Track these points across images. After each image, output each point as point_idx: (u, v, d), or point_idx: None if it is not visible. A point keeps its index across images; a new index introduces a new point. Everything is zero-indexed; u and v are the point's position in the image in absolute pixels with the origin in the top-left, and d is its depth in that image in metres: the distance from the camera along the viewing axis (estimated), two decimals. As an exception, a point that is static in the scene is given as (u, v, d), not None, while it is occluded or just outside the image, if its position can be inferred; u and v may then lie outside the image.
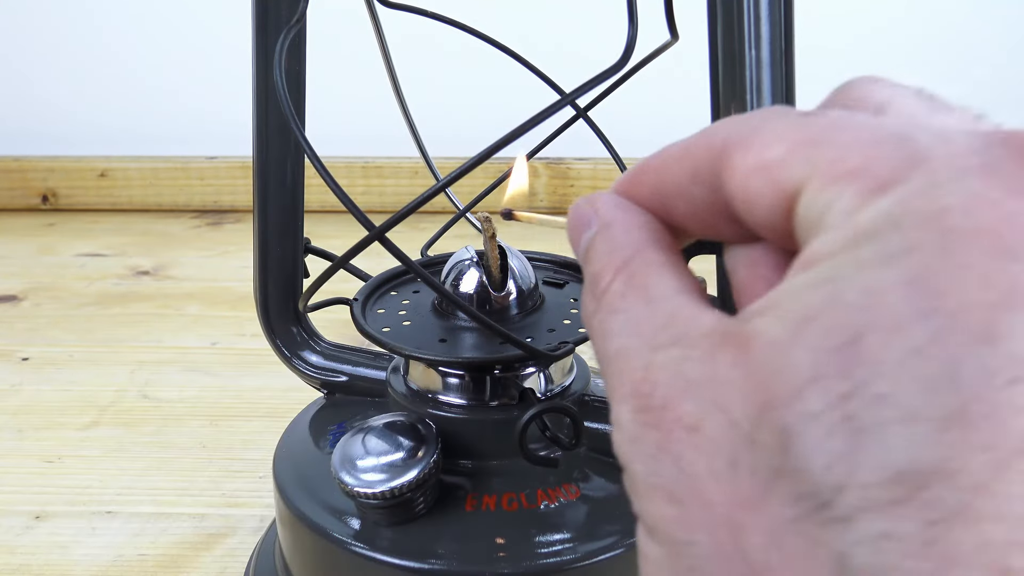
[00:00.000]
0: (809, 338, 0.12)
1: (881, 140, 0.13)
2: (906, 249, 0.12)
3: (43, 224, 0.93)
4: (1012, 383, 0.11)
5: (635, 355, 0.15)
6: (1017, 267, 0.11)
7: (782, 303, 0.13)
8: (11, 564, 0.39)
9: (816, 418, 0.12)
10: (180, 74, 0.96)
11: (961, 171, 0.12)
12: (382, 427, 0.28)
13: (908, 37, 0.91)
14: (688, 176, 0.16)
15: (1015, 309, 0.11)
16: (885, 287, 0.12)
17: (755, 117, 0.15)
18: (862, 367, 0.12)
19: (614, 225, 0.17)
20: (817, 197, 0.13)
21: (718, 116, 0.25)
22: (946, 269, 0.12)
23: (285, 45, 0.24)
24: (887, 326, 0.12)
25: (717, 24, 0.24)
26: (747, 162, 0.15)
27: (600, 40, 0.58)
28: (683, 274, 0.16)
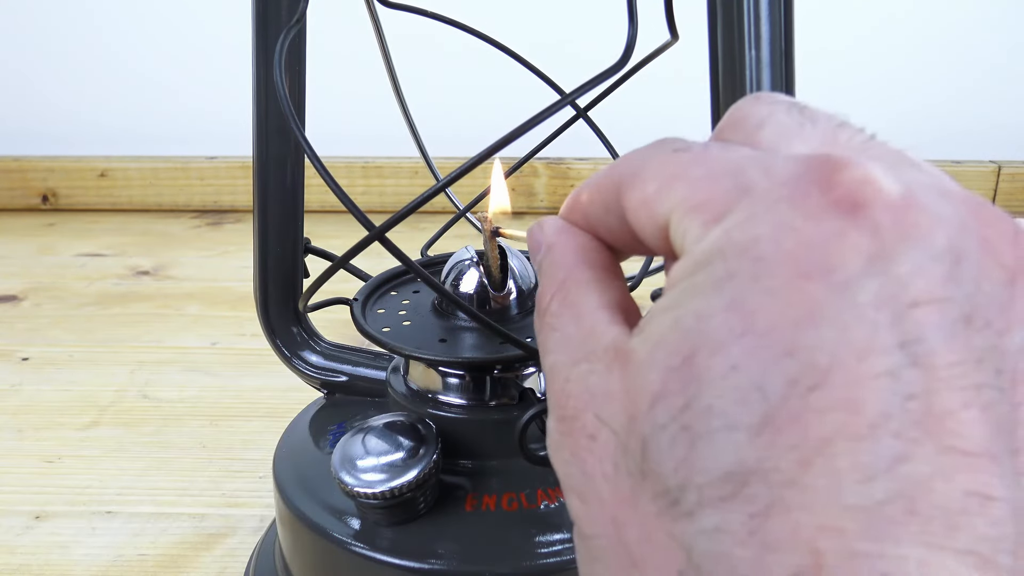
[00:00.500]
0: (658, 358, 0.14)
1: (722, 175, 0.15)
2: (727, 276, 0.14)
3: (43, 224, 0.93)
4: (811, 389, 0.12)
5: (560, 369, 0.17)
6: (812, 287, 0.13)
7: (649, 325, 0.15)
8: (11, 564, 0.39)
9: (664, 428, 0.14)
10: (180, 74, 0.96)
11: (774, 201, 0.14)
12: (382, 427, 0.28)
13: (908, 37, 0.91)
14: (602, 208, 0.18)
15: (813, 325, 0.13)
16: (711, 312, 0.14)
17: (643, 153, 0.17)
18: (693, 383, 0.14)
19: (554, 248, 0.19)
20: (677, 228, 0.16)
21: (718, 116, 0.25)
22: (757, 293, 0.13)
23: (285, 45, 0.24)
24: (712, 347, 0.13)
25: (717, 24, 0.24)
26: (634, 198, 0.17)
27: (600, 40, 0.58)
28: (609, 289, 0.18)
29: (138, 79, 0.97)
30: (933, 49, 0.91)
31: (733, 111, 0.18)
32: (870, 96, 0.93)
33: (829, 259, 0.13)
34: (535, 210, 0.95)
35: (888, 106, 0.93)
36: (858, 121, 0.17)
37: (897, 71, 0.92)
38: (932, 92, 0.93)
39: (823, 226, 0.13)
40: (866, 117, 0.51)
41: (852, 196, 0.13)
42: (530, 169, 0.94)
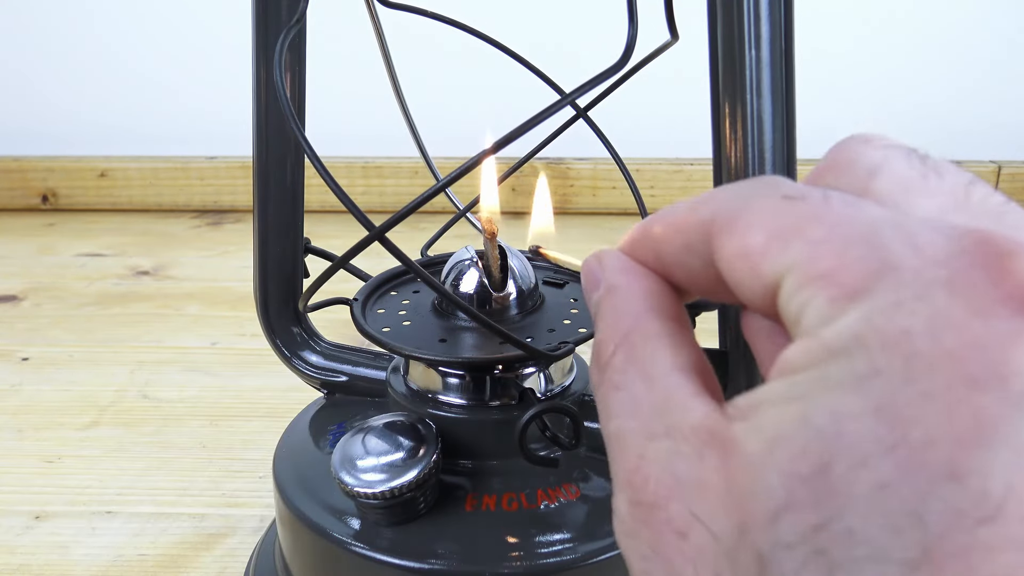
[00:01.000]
0: (781, 461, 0.12)
1: (853, 241, 0.13)
2: (871, 373, 0.12)
3: (43, 224, 0.93)
4: (980, 524, 0.11)
5: (631, 440, 0.15)
6: (982, 398, 0.11)
7: (760, 413, 0.13)
8: (11, 564, 0.39)
9: (791, 549, 0.12)
10: (180, 74, 0.96)
11: (926, 285, 0.12)
12: (382, 427, 0.28)
13: (908, 37, 0.91)
14: (683, 248, 0.16)
15: (982, 445, 0.11)
16: (852, 414, 0.12)
17: (741, 194, 0.15)
18: (831, 499, 0.12)
19: (617, 291, 0.17)
20: (793, 296, 0.13)
21: (718, 116, 0.25)
22: (910, 398, 0.11)
23: (285, 45, 0.24)
24: (854, 457, 0.12)
25: (717, 24, 0.24)
26: (731, 246, 0.15)
27: (600, 40, 0.58)
28: (682, 345, 0.16)
29: (138, 79, 0.97)
30: (933, 49, 0.91)
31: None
32: (870, 96, 0.93)
33: (1004, 366, 0.11)
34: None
35: (888, 106, 0.93)
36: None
37: (897, 71, 0.92)
38: (932, 92, 0.93)
39: (995, 325, 0.12)
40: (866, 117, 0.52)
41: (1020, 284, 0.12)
42: (530, 169, 0.93)
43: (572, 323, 0.30)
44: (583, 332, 0.29)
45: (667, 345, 0.16)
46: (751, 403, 0.13)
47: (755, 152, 0.24)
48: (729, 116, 0.24)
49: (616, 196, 0.94)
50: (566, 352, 0.27)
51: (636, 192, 0.35)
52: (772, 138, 0.24)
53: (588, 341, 0.29)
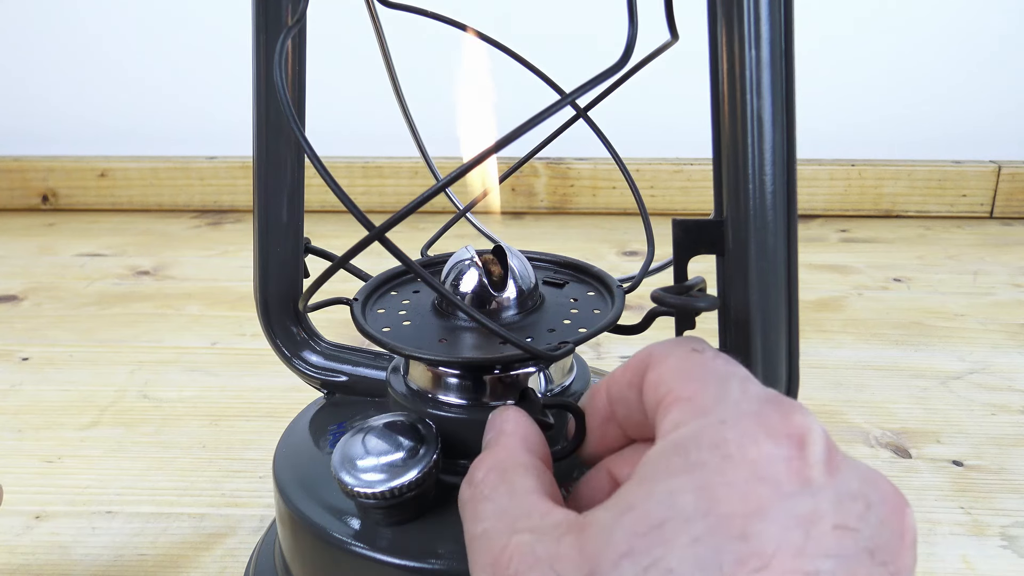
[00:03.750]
0: (627, 522, 0.17)
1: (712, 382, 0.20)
2: (699, 464, 0.18)
3: (43, 224, 0.93)
4: (757, 571, 0.16)
5: (496, 536, 0.20)
6: (764, 490, 0.17)
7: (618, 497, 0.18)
8: (11, 564, 0.39)
9: None
10: (180, 74, 0.96)
11: (742, 415, 0.18)
12: (382, 427, 0.28)
13: (908, 37, 0.91)
14: (626, 385, 0.23)
15: (761, 519, 0.17)
16: (682, 489, 0.17)
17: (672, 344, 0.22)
18: (660, 547, 0.17)
19: (503, 434, 0.24)
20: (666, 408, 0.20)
21: (718, 116, 0.25)
22: (721, 484, 0.17)
23: (285, 45, 0.24)
24: (680, 519, 0.17)
25: (717, 24, 0.24)
26: (652, 376, 0.21)
27: (601, 40, 0.58)
28: (543, 476, 0.22)
29: (138, 79, 0.97)
30: (932, 49, 0.91)
31: None
32: (870, 96, 0.93)
33: (780, 473, 0.17)
34: (535, 210, 0.95)
35: (888, 106, 0.93)
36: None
37: (897, 71, 0.92)
38: (931, 92, 0.93)
39: (779, 447, 0.18)
40: (866, 117, 0.52)
41: (800, 433, 0.18)
42: (530, 169, 0.94)
43: (572, 323, 0.30)
44: (583, 332, 0.29)
45: (531, 475, 0.22)
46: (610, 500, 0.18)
47: (755, 152, 0.24)
48: (729, 116, 0.24)
49: (616, 196, 0.94)
50: (566, 352, 0.27)
51: (636, 192, 0.35)
52: (772, 138, 0.24)
53: (588, 341, 0.29)
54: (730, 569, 0.16)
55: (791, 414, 0.19)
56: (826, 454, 0.18)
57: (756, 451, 0.18)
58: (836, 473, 0.18)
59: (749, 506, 0.17)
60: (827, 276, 0.76)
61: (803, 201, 0.92)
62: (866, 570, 0.17)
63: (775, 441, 0.18)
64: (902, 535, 0.18)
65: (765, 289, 0.25)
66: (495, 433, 0.24)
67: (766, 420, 0.18)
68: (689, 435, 0.18)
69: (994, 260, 0.80)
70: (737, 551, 0.16)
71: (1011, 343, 0.62)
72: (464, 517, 0.22)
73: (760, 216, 0.25)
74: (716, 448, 0.18)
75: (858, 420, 0.51)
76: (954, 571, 0.38)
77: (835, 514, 0.17)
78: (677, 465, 0.18)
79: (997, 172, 0.92)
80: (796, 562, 0.16)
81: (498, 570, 0.19)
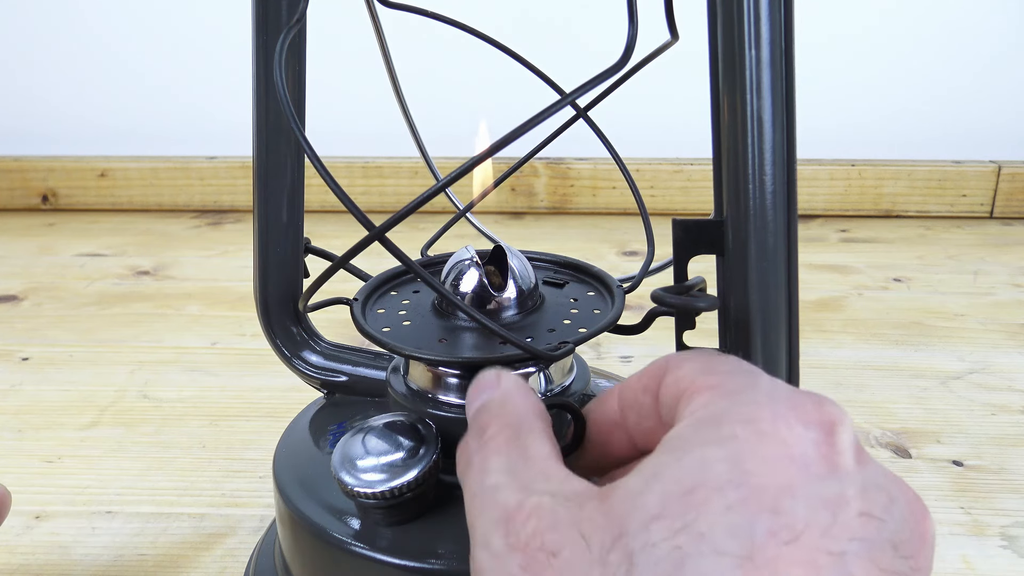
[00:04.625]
0: (658, 487, 0.17)
1: (739, 374, 0.20)
2: (731, 436, 0.18)
3: (43, 224, 0.93)
4: (786, 543, 0.16)
5: (510, 492, 0.20)
6: (795, 469, 0.17)
7: (642, 466, 0.18)
8: (11, 564, 0.39)
9: (655, 546, 0.16)
10: (180, 74, 0.96)
11: (776, 398, 0.19)
12: (382, 427, 0.28)
13: (907, 36, 0.91)
14: (641, 389, 0.23)
15: (792, 496, 0.17)
16: (715, 459, 0.18)
17: (689, 353, 0.22)
18: (692, 511, 0.17)
19: (514, 397, 0.23)
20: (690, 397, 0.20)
21: (718, 116, 0.25)
22: (755, 457, 0.17)
23: (285, 45, 0.24)
24: (712, 486, 0.17)
25: (717, 24, 0.24)
26: (671, 376, 0.22)
27: (601, 39, 0.58)
28: (556, 446, 0.22)
29: (138, 79, 0.97)
30: (932, 48, 0.91)
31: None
32: (870, 96, 0.93)
33: (809, 456, 0.18)
34: (535, 210, 0.95)
35: (888, 106, 0.93)
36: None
37: (897, 70, 0.92)
38: (932, 91, 0.93)
39: (809, 430, 0.18)
40: (866, 117, 0.52)
41: (831, 420, 0.19)
42: (530, 169, 0.93)
43: (572, 323, 0.30)
44: (583, 332, 0.29)
45: (546, 440, 0.22)
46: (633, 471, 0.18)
47: (755, 152, 0.24)
48: (729, 116, 0.24)
49: (616, 196, 0.94)
50: (566, 352, 0.27)
51: (636, 192, 0.35)
52: (772, 138, 0.24)
53: (588, 341, 0.29)
54: (761, 540, 0.16)
55: (823, 403, 0.19)
56: (854, 445, 0.19)
57: (788, 431, 0.18)
58: (863, 464, 0.18)
59: (780, 481, 0.17)
60: (827, 276, 0.76)
61: (803, 201, 0.92)
62: (889, 559, 0.17)
63: (806, 425, 0.18)
64: (923, 536, 0.18)
65: (765, 289, 0.25)
66: (499, 394, 0.23)
67: (798, 405, 0.19)
68: (720, 411, 0.19)
69: (994, 260, 0.80)
70: (769, 523, 0.16)
71: (1011, 343, 0.62)
72: (468, 468, 0.22)
73: (760, 216, 0.25)
74: (750, 423, 0.18)
75: (858, 420, 0.51)
76: (954, 571, 0.38)
77: (861, 501, 0.17)
78: (709, 436, 0.18)
79: (997, 172, 0.92)
80: (823, 541, 0.16)
81: (513, 527, 0.19)
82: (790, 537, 0.16)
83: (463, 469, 0.22)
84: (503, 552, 0.19)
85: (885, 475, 0.19)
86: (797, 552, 0.16)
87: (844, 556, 0.16)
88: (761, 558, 0.16)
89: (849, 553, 0.17)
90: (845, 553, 0.16)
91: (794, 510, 0.17)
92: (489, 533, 0.19)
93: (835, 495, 0.17)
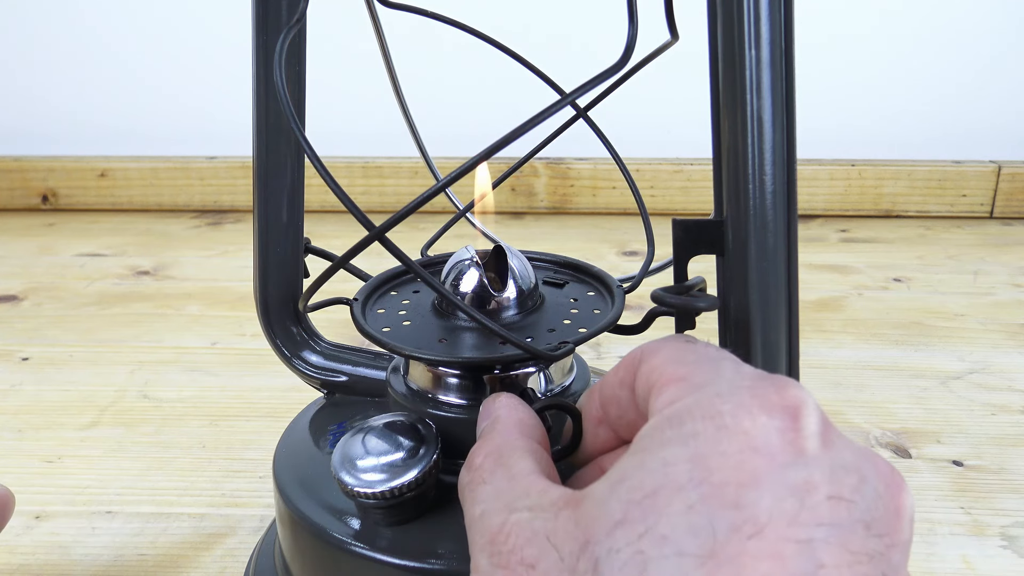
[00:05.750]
0: (620, 493, 0.17)
1: (704, 362, 0.20)
2: (692, 434, 0.18)
3: (43, 224, 0.93)
4: (750, 537, 0.16)
5: (494, 515, 0.20)
6: (758, 460, 0.17)
7: (612, 471, 0.18)
8: (11, 564, 0.39)
9: (618, 552, 0.17)
10: (180, 74, 0.96)
11: (736, 389, 0.19)
12: (382, 427, 0.28)
13: (907, 36, 0.91)
14: (618, 383, 0.23)
15: (755, 488, 0.17)
16: (676, 460, 0.17)
17: (664, 340, 0.22)
18: (653, 515, 0.17)
19: (499, 420, 0.24)
20: (659, 390, 0.20)
21: (718, 116, 0.25)
22: (715, 454, 0.17)
23: (285, 45, 0.24)
24: (673, 487, 0.17)
25: (717, 24, 0.24)
26: (645, 367, 0.22)
27: (601, 39, 0.58)
28: (541, 458, 0.22)
29: (138, 79, 0.97)
30: (932, 48, 0.91)
31: None
32: (870, 96, 0.93)
33: (773, 445, 0.18)
34: (535, 210, 0.95)
35: (888, 106, 0.93)
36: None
37: (896, 70, 0.92)
38: (932, 91, 0.93)
39: (772, 420, 0.18)
40: (866, 117, 0.52)
41: (794, 405, 0.18)
42: (530, 169, 0.94)
43: (572, 323, 0.30)
44: (583, 332, 0.29)
45: (528, 457, 0.22)
46: (609, 472, 0.19)
47: (755, 152, 0.24)
48: (729, 116, 0.24)
49: (616, 196, 0.94)
50: (566, 352, 0.27)
51: (636, 192, 0.35)
52: (772, 138, 0.24)
53: (588, 341, 0.29)
54: (724, 536, 0.16)
55: (786, 388, 0.19)
56: (821, 427, 0.18)
57: (750, 422, 0.18)
58: (830, 446, 0.18)
59: (743, 475, 0.17)
60: (827, 276, 0.76)
61: (803, 201, 0.92)
62: (860, 541, 0.17)
63: (769, 413, 0.18)
64: (898, 511, 0.18)
65: (765, 289, 0.25)
66: (490, 420, 0.24)
67: (761, 393, 0.18)
68: (683, 408, 0.19)
69: (994, 260, 0.80)
70: (731, 519, 0.16)
71: (1011, 343, 0.62)
72: (463, 501, 0.22)
73: (760, 216, 0.25)
74: (710, 419, 0.18)
75: (858, 420, 0.51)
76: (954, 571, 0.38)
77: (829, 485, 0.17)
78: (671, 436, 0.18)
79: (997, 172, 0.92)
80: (790, 530, 0.16)
81: (496, 547, 0.19)
82: (754, 530, 0.16)
83: (461, 502, 0.22)
84: (489, 572, 0.19)
85: (856, 453, 0.18)
86: (762, 544, 0.16)
87: (812, 543, 0.16)
88: (724, 555, 0.16)
89: (817, 540, 0.16)
90: (812, 540, 0.16)
91: (757, 502, 0.16)
92: (478, 557, 0.20)
93: (802, 481, 0.17)
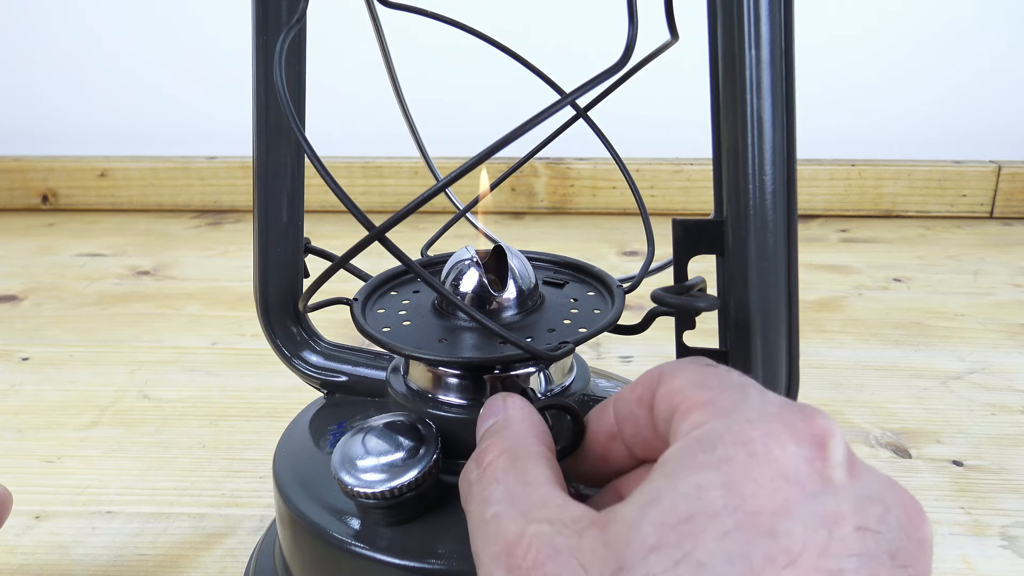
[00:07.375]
0: (654, 516, 0.17)
1: (730, 388, 0.20)
2: (725, 460, 0.18)
3: (43, 224, 0.93)
4: (784, 567, 0.16)
5: (510, 521, 0.20)
6: (790, 489, 0.17)
7: (636, 493, 0.18)
8: (11, 564, 0.39)
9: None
10: (180, 74, 0.96)
11: (767, 415, 0.19)
12: (382, 427, 0.28)
13: (907, 36, 0.91)
14: (635, 401, 0.23)
15: (788, 517, 0.17)
16: (710, 485, 0.17)
17: (683, 363, 0.22)
18: (689, 540, 0.17)
19: (512, 421, 0.24)
20: (683, 415, 0.20)
21: (718, 116, 0.25)
22: (748, 480, 0.17)
23: (285, 45, 0.24)
24: (708, 513, 0.17)
25: (717, 24, 0.24)
26: (664, 388, 0.21)
27: (601, 39, 0.58)
28: (553, 467, 0.22)
29: (138, 80, 0.97)
30: (932, 48, 0.91)
31: None
32: (870, 96, 0.93)
33: (802, 474, 0.18)
34: (535, 210, 0.95)
35: (888, 106, 0.93)
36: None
37: (897, 70, 0.92)
38: (932, 91, 0.93)
39: (800, 449, 0.18)
40: (866, 117, 0.52)
41: (822, 435, 0.18)
42: (530, 169, 0.94)
43: (572, 323, 0.30)
44: (583, 332, 0.29)
45: (544, 464, 0.21)
46: (630, 497, 0.18)
47: (755, 152, 0.24)
48: (729, 116, 0.24)
49: (616, 196, 0.94)
50: (566, 352, 0.27)
51: (636, 192, 0.35)
52: (772, 138, 0.24)
53: (588, 341, 0.29)
54: (760, 565, 0.16)
55: (813, 417, 0.19)
56: (846, 456, 0.19)
57: (780, 450, 0.18)
58: (856, 476, 0.18)
59: (776, 504, 0.17)
60: (827, 276, 0.76)
61: (803, 201, 0.92)
62: (887, 572, 0.17)
63: (798, 441, 0.18)
64: (921, 542, 0.18)
65: (765, 289, 0.25)
66: (501, 419, 0.24)
67: (789, 421, 0.19)
68: (714, 432, 0.19)
69: (994, 260, 0.80)
70: (767, 548, 0.16)
71: (1011, 343, 0.62)
72: (468, 498, 0.22)
73: (760, 216, 0.25)
74: (742, 445, 0.18)
75: (858, 420, 0.51)
76: (954, 571, 0.38)
77: (856, 515, 0.17)
78: (703, 460, 0.18)
79: (997, 172, 0.92)
80: (821, 561, 0.17)
81: (514, 559, 0.19)
82: (788, 560, 0.16)
83: (465, 497, 0.22)
84: None
85: (880, 483, 0.19)
86: (796, 575, 0.16)
87: (842, 574, 0.17)
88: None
89: (847, 571, 0.17)
90: (843, 571, 0.17)
91: (791, 532, 0.17)
92: (491, 566, 0.19)
93: (830, 511, 0.17)
